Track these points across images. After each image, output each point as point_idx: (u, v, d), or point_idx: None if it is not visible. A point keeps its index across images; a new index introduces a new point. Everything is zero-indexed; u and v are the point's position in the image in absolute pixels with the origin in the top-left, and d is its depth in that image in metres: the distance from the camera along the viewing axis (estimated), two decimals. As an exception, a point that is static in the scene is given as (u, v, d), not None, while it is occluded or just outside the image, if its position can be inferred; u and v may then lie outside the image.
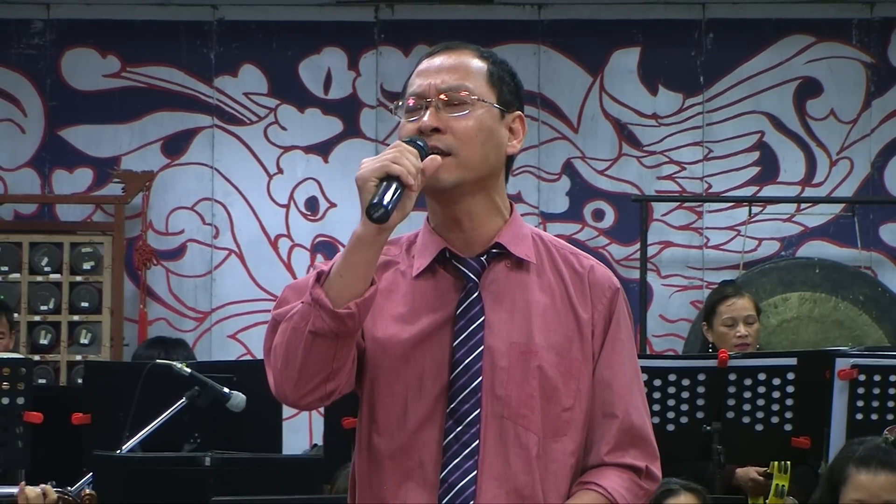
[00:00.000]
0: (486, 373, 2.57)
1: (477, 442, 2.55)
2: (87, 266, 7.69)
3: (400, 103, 2.68)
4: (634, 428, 2.66)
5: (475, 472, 2.54)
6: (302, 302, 2.49)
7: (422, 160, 2.52)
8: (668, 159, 7.89)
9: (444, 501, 2.53)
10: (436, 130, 2.59)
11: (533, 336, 2.60)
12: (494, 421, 2.56)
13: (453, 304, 2.60)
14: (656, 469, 2.68)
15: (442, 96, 2.62)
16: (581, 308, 2.65)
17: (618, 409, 2.65)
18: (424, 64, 2.69)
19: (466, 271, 2.63)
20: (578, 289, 2.67)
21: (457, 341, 2.58)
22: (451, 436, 2.55)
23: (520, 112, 2.71)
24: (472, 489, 2.53)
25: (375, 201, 2.44)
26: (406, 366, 2.58)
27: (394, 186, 2.46)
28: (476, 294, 2.61)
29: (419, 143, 2.56)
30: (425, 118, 2.60)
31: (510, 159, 2.70)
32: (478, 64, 2.68)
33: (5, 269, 7.67)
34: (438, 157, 2.56)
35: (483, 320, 2.59)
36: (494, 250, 2.65)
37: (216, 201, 7.90)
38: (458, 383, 2.56)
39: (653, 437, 2.70)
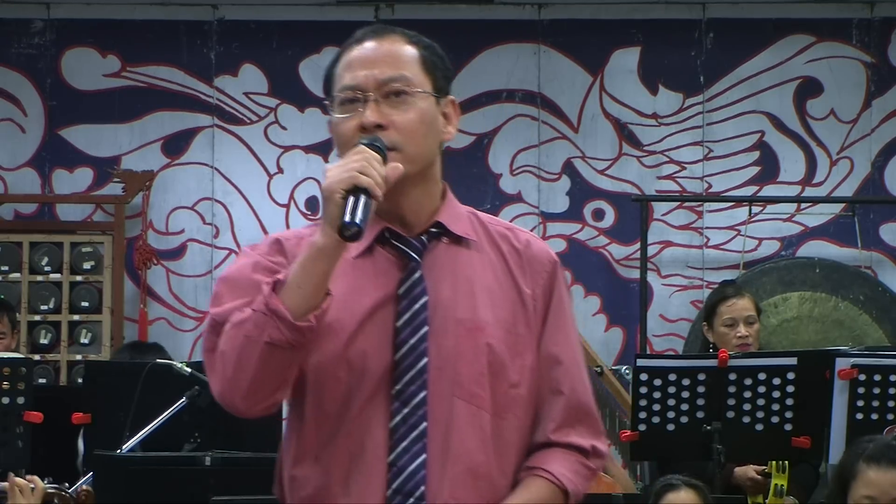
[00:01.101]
0: (432, 352, 2.49)
1: (425, 424, 2.48)
2: (87, 266, 7.69)
3: (332, 97, 2.59)
4: (581, 405, 2.61)
5: (424, 455, 2.47)
6: (253, 309, 2.41)
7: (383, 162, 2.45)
8: (668, 159, 7.89)
9: (395, 486, 2.46)
10: (378, 126, 2.51)
11: (478, 313, 2.54)
12: (444, 401, 2.49)
13: (394, 284, 2.52)
14: (602, 445, 2.64)
15: (383, 88, 2.53)
16: (523, 283, 2.59)
17: (564, 385, 2.60)
18: (354, 53, 2.57)
19: (408, 250, 2.55)
20: (517, 264, 2.61)
21: (400, 321, 2.50)
22: (398, 417, 2.47)
23: (452, 96, 2.63)
24: (423, 473, 2.46)
25: (348, 220, 2.36)
26: (348, 349, 2.48)
27: (363, 200, 2.39)
28: (419, 273, 2.54)
29: (378, 144, 2.48)
30: (367, 114, 2.52)
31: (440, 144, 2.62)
32: (411, 51, 2.58)
33: (5, 268, 7.67)
34: (400, 166, 2.48)
35: (426, 300, 2.52)
36: (434, 229, 2.58)
37: (216, 201, 7.90)
38: (404, 364, 2.48)
39: (597, 412, 2.66)
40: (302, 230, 2.62)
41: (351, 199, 2.39)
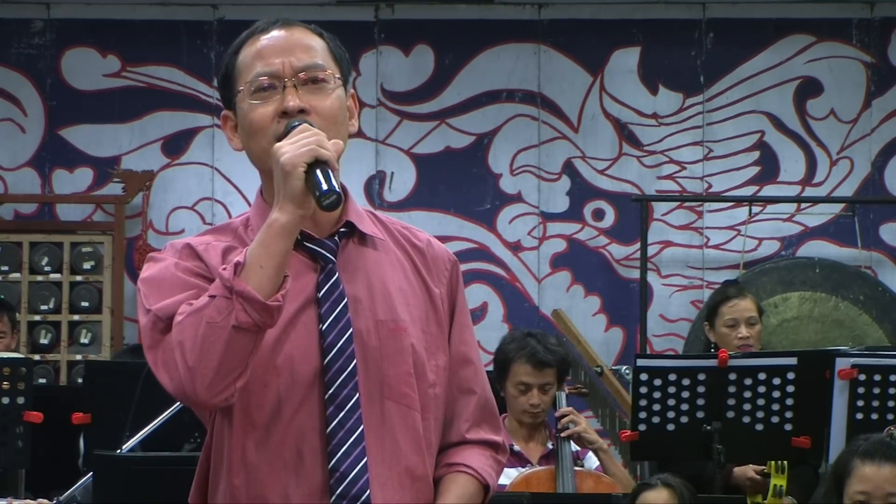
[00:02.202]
0: (359, 354, 2.47)
1: (362, 427, 2.44)
2: (87, 266, 7.69)
3: (241, 89, 2.55)
4: (489, 402, 2.65)
5: (365, 459, 2.44)
6: (211, 295, 2.35)
7: None
8: (668, 159, 7.90)
9: (339, 491, 2.42)
10: (301, 112, 2.48)
11: (397, 313, 2.52)
12: (376, 403, 2.47)
13: (312, 286, 2.48)
14: (505, 443, 2.68)
15: (301, 75, 2.51)
16: (431, 283, 2.59)
17: (476, 385, 2.63)
18: (263, 42, 2.56)
19: (324, 252, 2.51)
20: (423, 263, 2.60)
21: (325, 325, 2.46)
22: (335, 422, 2.43)
23: (353, 90, 2.62)
24: (366, 477, 2.43)
25: (326, 188, 2.34)
26: (275, 355, 2.44)
27: (329, 171, 2.36)
28: (336, 275, 2.49)
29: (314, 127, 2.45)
30: (289, 99, 2.49)
31: None
32: (319, 41, 2.58)
33: (5, 268, 7.67)
34: (340, 142, 2.46)
35: (346, 301, 2.48)
36: (343, 229, 2.54)
37: (216, 201, 7.91)
38: (334, 367, 2.45)
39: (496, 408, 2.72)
40: (204, 237, 2.58)
41: (318, 171, 2.36)
